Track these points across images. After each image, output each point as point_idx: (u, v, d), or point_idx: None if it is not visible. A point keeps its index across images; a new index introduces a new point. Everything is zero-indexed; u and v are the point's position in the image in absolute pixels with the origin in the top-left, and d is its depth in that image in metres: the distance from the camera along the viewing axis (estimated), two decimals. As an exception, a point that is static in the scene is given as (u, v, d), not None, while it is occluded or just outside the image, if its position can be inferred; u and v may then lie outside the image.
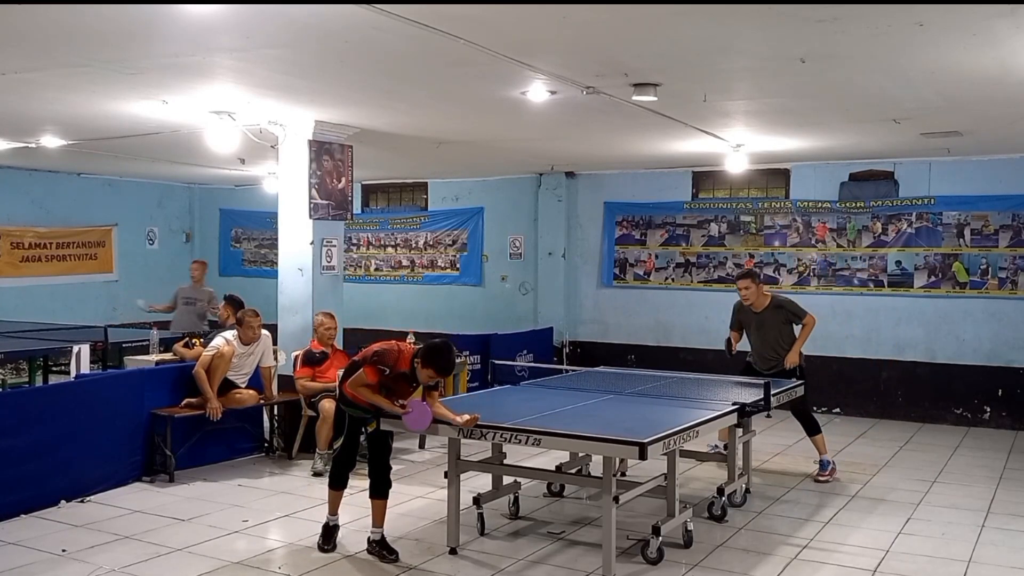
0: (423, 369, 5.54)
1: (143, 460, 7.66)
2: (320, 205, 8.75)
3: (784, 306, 7.95)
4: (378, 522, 5.87)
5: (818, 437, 7.95)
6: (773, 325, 7.91)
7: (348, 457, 5.97)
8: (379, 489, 5.86)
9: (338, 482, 6.00)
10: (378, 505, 5.87)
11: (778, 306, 7.94)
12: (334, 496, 6.01)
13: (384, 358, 5.66)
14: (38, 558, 5.73)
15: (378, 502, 5.87)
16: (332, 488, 6.01)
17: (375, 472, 5.88)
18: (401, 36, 5.25)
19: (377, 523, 5.87)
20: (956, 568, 5.76)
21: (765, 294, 8.02)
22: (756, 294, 7.92)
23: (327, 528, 6.00)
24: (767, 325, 7.92)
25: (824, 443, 7.98)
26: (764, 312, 7.92)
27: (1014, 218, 10.39)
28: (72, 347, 8.86)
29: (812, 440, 7.98)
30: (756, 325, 7.98)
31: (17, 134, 9.66)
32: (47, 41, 5.61)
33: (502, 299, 13.55)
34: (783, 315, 7.90)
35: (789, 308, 7.93)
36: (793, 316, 7.89)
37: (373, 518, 5.89)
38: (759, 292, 7.95)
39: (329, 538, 5.97)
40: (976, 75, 6.15)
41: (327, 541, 5.96)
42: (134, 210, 14.71)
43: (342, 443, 5.96)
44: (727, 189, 12.06)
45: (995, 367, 10.50)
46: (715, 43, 5.48)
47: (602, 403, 6.57)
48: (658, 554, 5.70)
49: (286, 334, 8.87)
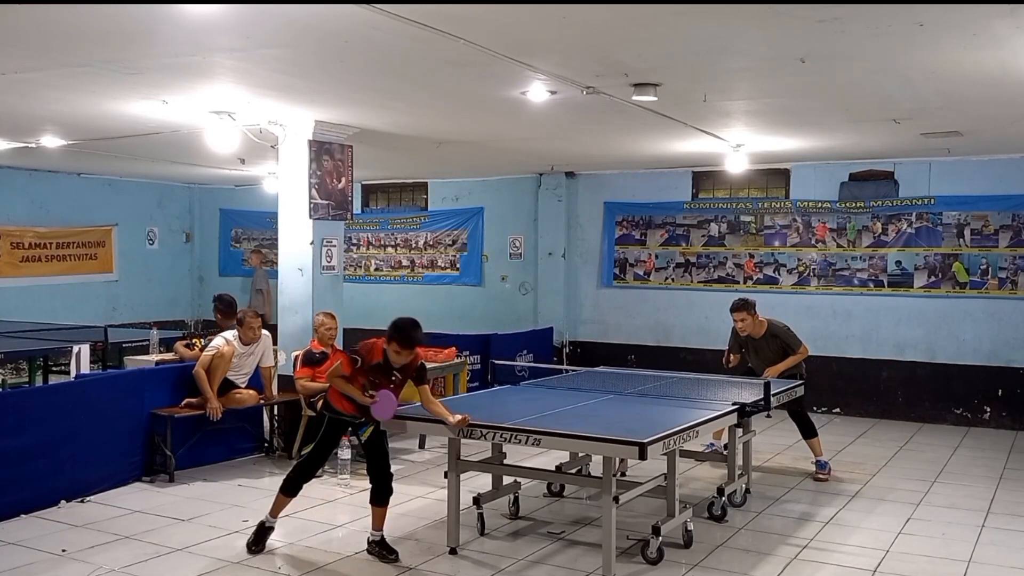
0: (389, 345, 5.54)
1: (143, 460, 7.66)
2: (320, 205, 8.75)
3: (779, 335, 7.99)
4: (378, 525, 5.87)
5: (814, 440, 8.01)
6: (771, 350, 7.99)
7: (311, 467, 5.91)
8: (382, 497, 5.84)
9: (292, 489, 5.89)
10: (379, 512, 5.86)
11: (773, 335, 7.98)
12: (282, 500, 5.91)
13: (358, 350, 5.68)
14: (38, 558, 5.73)
15: (379, 509, 5.86)
16: (283, 493, 5.90)
17: (378, 479, 5.84)
18: (401, 36, 5.25)
19: (377, 526, 5.87)
20: (956, 568, 5.76)
21: (761, 322, 8.00)
22: (752, 324, 7.95)
23: (262, 528, 5.91)
24: (764, 351, 8.02)
25: (820, 445, 8.03)
26: (760, 340, 7.99)
27: (1014, 218, 10.39)
28: (72, 347, 8.87)
29: (808, 443, 8.04)
30: (754, 350, 8.07)
31: (17, 134, 9.66)
32: (47, 41, 5.61)
33: (502, 299, 13.55)
34: (778, 343, 7.97)
35: (783, 338, 7.98)
36: (788, 347, 7.95)
37: (373, 522, 5.88)
38: (755, 322, 7.96)
39: (260, 539, 5.90)
40: (976, 75, 6.14)
41: (258, 542, 5.88)
42: (134, 210, 14.70)
43: (312, 451, 5.89)
44: (727, 189, 12.06)
45: (995, 367, 10.50)
46: (715, 43, 5.48)
47: (602, 403, 6.57)
48: (658, 554, 5.70)
49: (286, 334, 8.88)
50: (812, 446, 8.02)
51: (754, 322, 7.96)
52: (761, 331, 7.97)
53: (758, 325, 7.98)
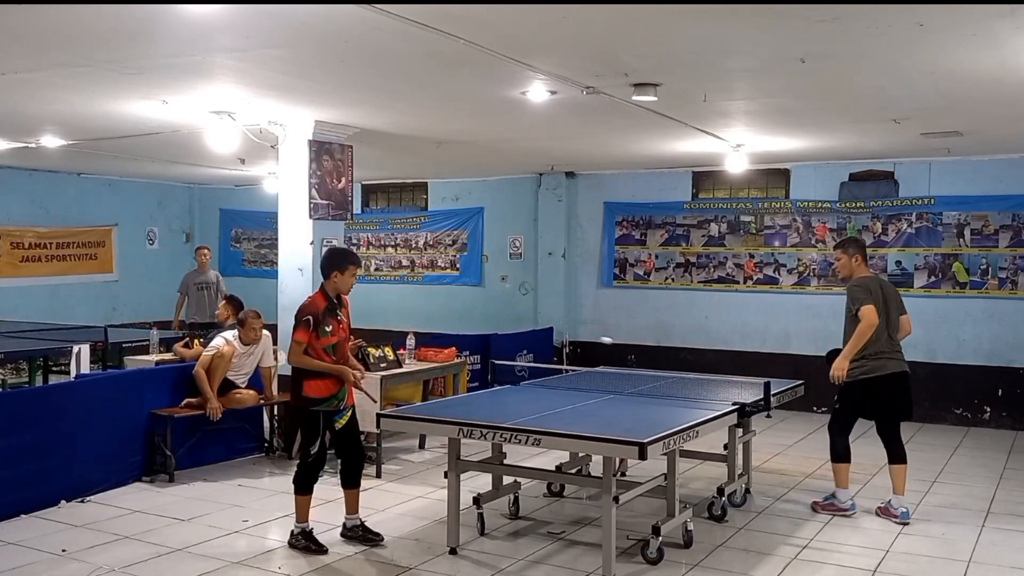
0: (343, 273, 5.72)
1: (143, 460, 7.66)
2: (320, 205, 8.75)
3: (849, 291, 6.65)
4: (355, 509, 5.93)
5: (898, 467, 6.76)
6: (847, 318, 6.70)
7: (321, 460, 5.94)
8: (356, 478, 5.92)
9: (308, 487, 5.91)
10: (354, 494, 5.95)
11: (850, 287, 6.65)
12: (304, 502, 5.92)
13: (301, 314, 5.73)
14: (38, 558, 5.73)
15: (354, 491, 5.94)
16: (301, 494, 5.90)
17: (352, 461, 5.91)
18: (401, 36, 5.25)
19: (354, 510, 5.92)
20: (956, 568, 5.76)
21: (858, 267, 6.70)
22: (847, 266, 6.72)
23: (307, 534, 5.91)
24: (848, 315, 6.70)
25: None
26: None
27: (1014, 218, 10.39)
28: (72, 347, 8.87)
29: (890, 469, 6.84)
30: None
31: (17, 134, 9.66)
32: (47, 41, 5.61)
33: (502, 299, 13.55)
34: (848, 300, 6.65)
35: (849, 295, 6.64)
36: (850, 302, 6.62)
37: (348, 506, 5.94)
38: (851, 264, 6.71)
39: (314, 540, 5.90)
40: (976, 75, 6.15)
41: (314, 543, 5.88)
42: (134, 210, 14.71)
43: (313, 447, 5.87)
44: (727, 189, 12.06)
45: (995, 367, 10.49)
46: (715, 43, 5.48)
47: (602, 403, 6.56)
48: (658, 554, 5.70)
49: (286, 334, 8.85)
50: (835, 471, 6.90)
51: (850, 264, 6.71)
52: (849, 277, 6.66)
53: (855, 269, 6.67)
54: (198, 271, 11.75)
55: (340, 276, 5.78)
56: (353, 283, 5.83)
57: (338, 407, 5.85)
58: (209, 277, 11.67)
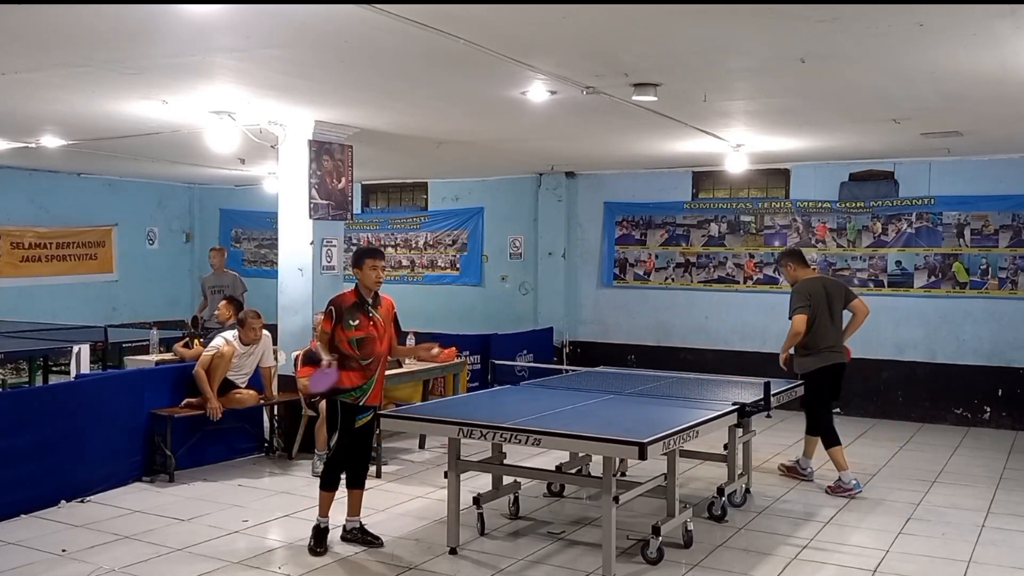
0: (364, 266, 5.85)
1: (143, 460, 7.66)
2: (320, 205, 8.75)
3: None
4: (357, 511, 5.94)
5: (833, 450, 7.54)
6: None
7: (345, 456, 5.93)
8: (361, 480, 5.96)
9: (333, 483, 5.95)
10: (357, 495, 5.97)
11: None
12: (327, 497, 5.95)
13: (332, 301, 5.93)
14: (38, 558, 5.73)
15: (358, 492, 5.96)
16: (326, 489, 5.95)
17: (360, 463, 5.93)
18: (401, 36, 5.25)
19: (355, 512, 5.93)
20: (956, 568, 5.76)
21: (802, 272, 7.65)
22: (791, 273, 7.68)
23: (319, 531, 5.93)
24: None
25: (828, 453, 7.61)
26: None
27: (1014, 218, 10.39)
28: (72, 347, 8.86)
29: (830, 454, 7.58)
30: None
31: (17, 134, 9.66)
32: (47, 41, 5.61)
33: (502, 299, 13.55)
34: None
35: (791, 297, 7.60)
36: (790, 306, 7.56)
37: (351, 508, 5.96)
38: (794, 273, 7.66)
39: (321, 540, 5.91)
40: (976, 75, 6.14)
41: (319, 543, 5.90)
42: (134, 210, 14.70)
43: (339, 441, 5.93)
44: (727, 189, 12.06)
45: (995, 367, 10.49)
46: (715, 43, 5.48)
47: (602, 403, 6.56)
48: (658, 554, 5.70)
49: (286, 334, 8.87)
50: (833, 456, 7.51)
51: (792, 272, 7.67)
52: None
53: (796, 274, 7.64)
54: (213, 274, 11.40)
55: (360, 272, 5.90)
56: (375, 276, 5.87)
57: (357, 400, 5.86)
58: (224, 280, 11.23)
